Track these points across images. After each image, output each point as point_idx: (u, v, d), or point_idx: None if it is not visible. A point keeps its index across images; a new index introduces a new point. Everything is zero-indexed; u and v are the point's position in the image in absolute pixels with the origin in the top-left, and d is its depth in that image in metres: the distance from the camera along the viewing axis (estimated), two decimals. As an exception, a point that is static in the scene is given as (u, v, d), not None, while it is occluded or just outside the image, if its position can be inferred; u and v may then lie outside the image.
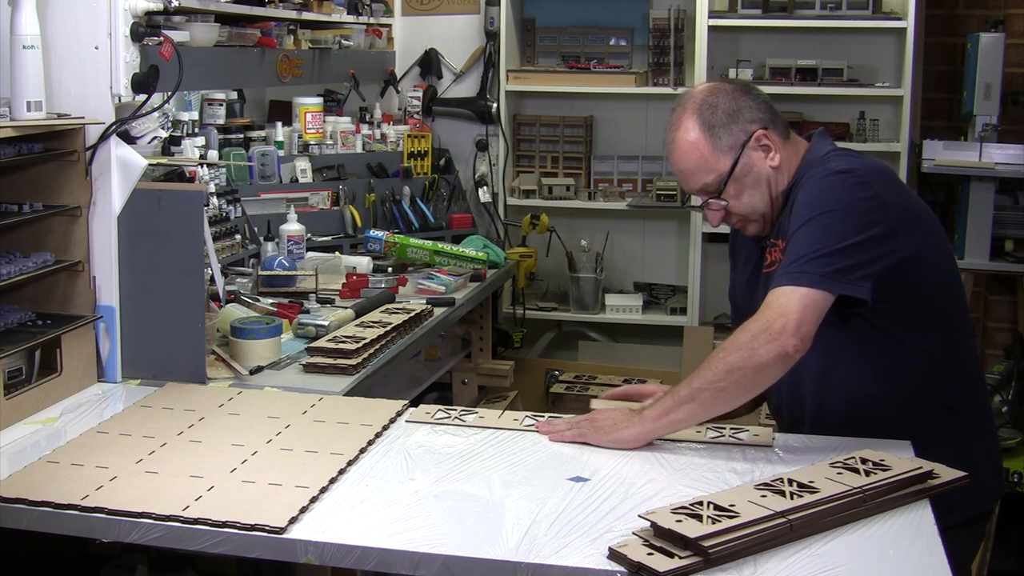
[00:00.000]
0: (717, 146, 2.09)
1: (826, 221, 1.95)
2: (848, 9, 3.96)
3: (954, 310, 2.10)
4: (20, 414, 2.13)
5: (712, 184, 2.11)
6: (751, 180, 2.10)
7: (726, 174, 2.10)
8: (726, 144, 2.09)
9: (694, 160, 2.10)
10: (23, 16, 2.19)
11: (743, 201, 2.11)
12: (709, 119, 2.10)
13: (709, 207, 2.14)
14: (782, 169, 2.12)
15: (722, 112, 2.10)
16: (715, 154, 2.09)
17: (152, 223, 2.34)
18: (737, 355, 1.88)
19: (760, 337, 1.87)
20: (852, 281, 1.90)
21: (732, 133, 2.10)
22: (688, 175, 2.13)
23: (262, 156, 3.56)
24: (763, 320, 1.88)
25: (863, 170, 2.02)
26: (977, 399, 2.14)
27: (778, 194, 2.12)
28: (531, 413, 2.17)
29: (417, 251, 3.39)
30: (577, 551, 1.58)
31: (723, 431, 2.04)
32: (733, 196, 2.11)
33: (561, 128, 4.36)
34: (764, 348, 1.86)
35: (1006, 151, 3.71)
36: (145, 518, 1.69)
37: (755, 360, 1.86)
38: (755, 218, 2.14)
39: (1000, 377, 3.76)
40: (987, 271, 3.89)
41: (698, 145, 2.09)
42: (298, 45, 3.44)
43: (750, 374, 1.87)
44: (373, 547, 1.60)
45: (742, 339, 1.88)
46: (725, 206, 2.12)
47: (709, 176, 2.11)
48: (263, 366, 2.43)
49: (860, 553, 1.59)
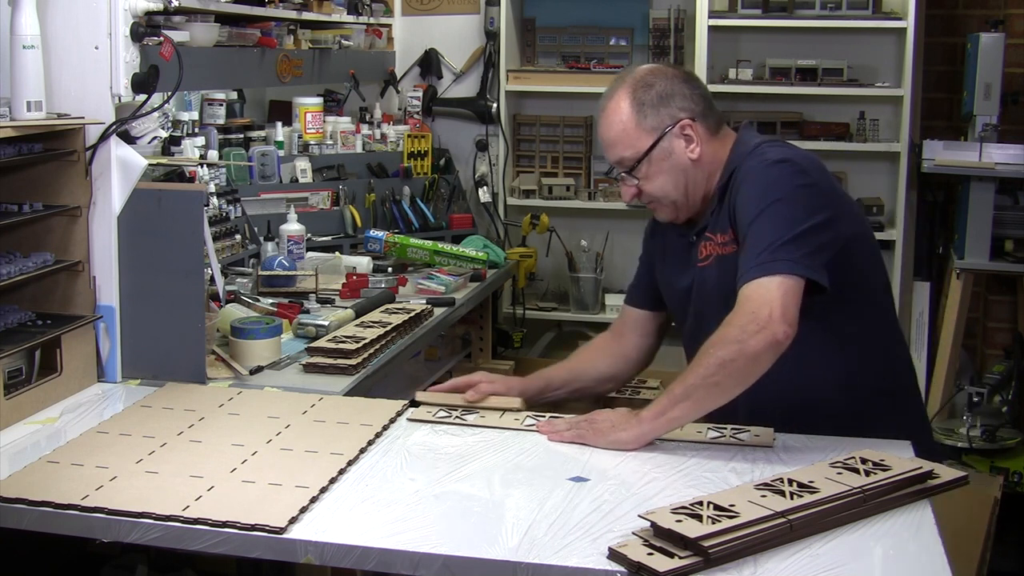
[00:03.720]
0: (641, 124, 2.14)
1: (779, 209, 1.96)
2: (848, 9, 3.96)
3: (883, 294, 2.18)
4: (20, 414, 2.13)
5: (628, 159, 2.16)
6: (667, 166, 2.15)
7: (642, 153, 2.15)
8: (650, 124, 2.14)
9: (616, 131, 2.16)
10: (23, 16, 2.19)
11: (655, 184, 2.16)
12: (641, 96, 2.15)
13: (623, 181, 2.19)
14: (703, 162, 2.15)
15: (655, 93, 2.15)
16: (637, 131, 2.14)
17: (152, 223, 2.34)
18: (728, 349, 1.87)
19: (748, 328, 1.86)
20: (815, 267, 1.93)
21: (659, 115, 2.14)
22: (608, 145, 2.19)
23: (262, 156, 3.56)
24: (747, 312, 1.88)
25: (799, 158, 2.06)
26: (908, 378, 2.22)
27: (696, 186, 2.16)
28: (531, 412, 2.17)
29: (417, 251, 3.39)
30: (577, 551, 1.58)
31: (723, 431, 2.04)
32: (645, 177, 2.16)
33: (561, 128, 4.36)
34: (754, 339, 1.85)
35: (1006, 151, 3.71)
36: (145, 518, 1.69)
37: (747, 351, 1.85)
38: (666, 203, 2.19)
39: (1000, 377, 3.76)
40: (987, 271, 3.89)
41: (624, 118, 2.15)
42: (298, 45, 3.44)
43: (743, 366, 1.86)
44: (373, 547, 1.60)
45: (731, 333, 1.88)
46: (636, 184, 2.17)
47: (627, 151, 2.16)
48: (263, 366, 2.43)
49: (860, 553, 1.59)
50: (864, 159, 4.15)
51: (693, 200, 2.18)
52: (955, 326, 3.85)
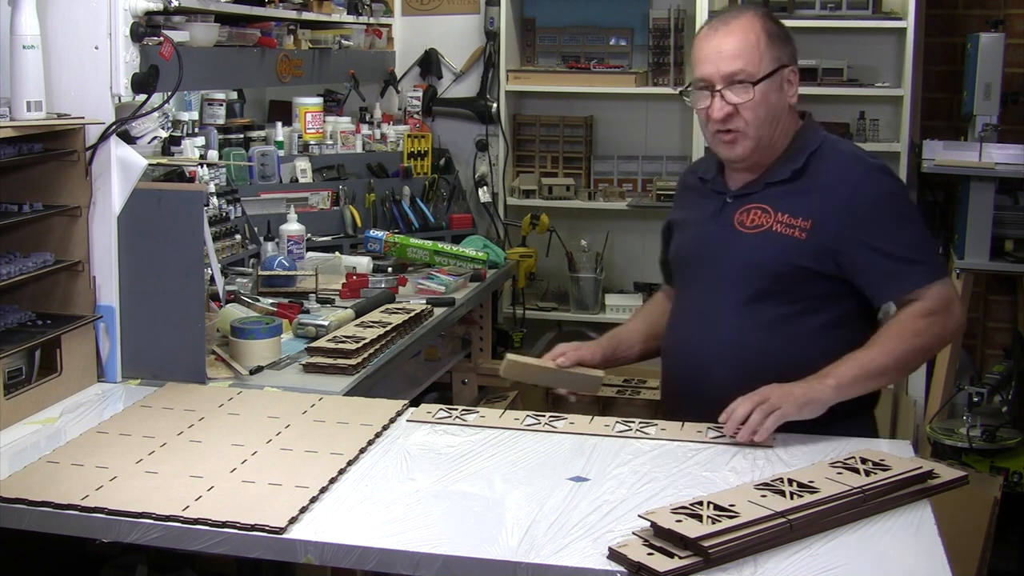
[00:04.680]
0: (769, 49, 2.16)
1: (912, 216, 2.19)
2: (848, 9, 3.96)
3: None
4: (20, 414, 2.13)
5: (748, 74, 2.13)
6: (773, 99, 2.17)
7: (762, 75, 2.14)
8: (773, 54, 2.16)
9: (743, 44, 2.15)
10: (23, 16, 2.19)
11: (757, 111, 2.16)
12: (771, 26, 2.19)
13: (730, 91, 2.14)
14: (790, 115, 2.22)
15: (782, 31, 2.20)
16: (762, 53, 2.16)
17: (152, 223, 2.34)
18: (927, 339, 2.09)
19: (938, 322, 2.08)
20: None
21: (782, 50, 2.18)
22: (729, 56, 2.14)
23: (262, 156, 3.56)
24: (931, 308, 2.08)
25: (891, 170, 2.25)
26: None
27: (780, 132, 2.20)
28: (532, 412, 2.17)
29: (417, 251, 3.38)
30: (577, 551, 1.58)
31: (723, 431, 2.04)
32: (757, 99, 2.15)
33: (561, 128, 4.35)
34: (949, 336, 2.13)
35: (1006, 151, 3.71)
36: (145, 518, 1.69)
37: (942, 346, 2.19)
38: (751, 135, 2.17)
39: (1000, 377, 3.76)
40: (987, 271, 3.89)
41: (753, 36, 2.16)
42: (298, 45, 3.44)
43: (928, 357, 2.19)
44: (373, 547, 1.60)
45: (923, 325, 2.07)
46: (749, 100, 2.13)
47: (749, 66, 2.15)
48: (263, 366, 2.43)
49: (860, 553, 1.59)
50: (864, 159, 4.14)
51: (772, 145, 2.20)
52: (955, 326, 3.84)
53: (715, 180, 2.29)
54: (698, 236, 2.28)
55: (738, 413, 1.98)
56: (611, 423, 2.10)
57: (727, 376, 2.12)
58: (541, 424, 2.11)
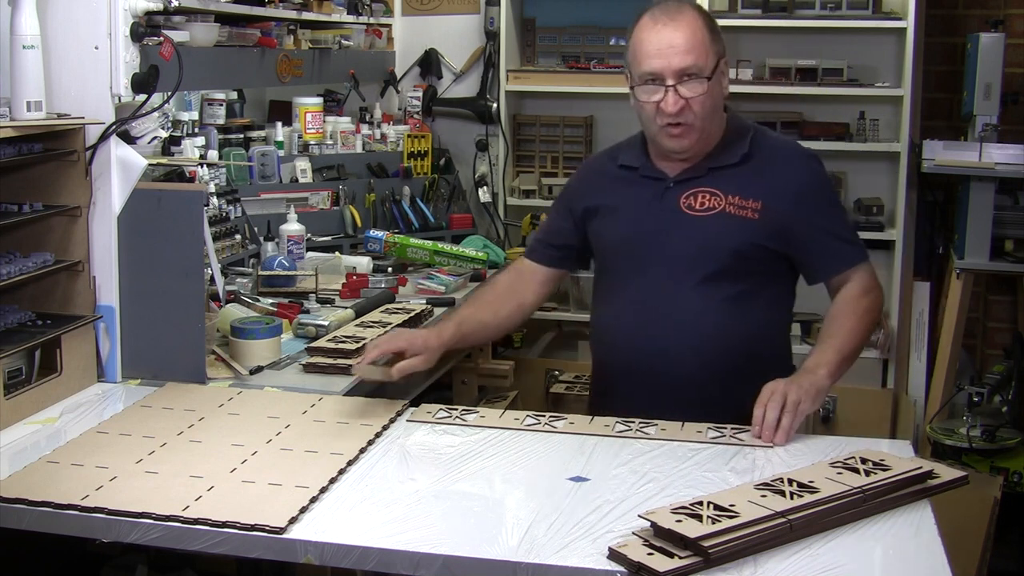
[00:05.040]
0: (712, 43, 2.21)
1: (839, 201, 2.40)
2: (848, 9, 3.96)
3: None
4: (20, 414, 2.13)
5: (701, 68, 2.18)
6: (716, 92, 2.23)
7: (711, 69, 2.19)
8: (715, 48, 2.22)
9: (693, 39, 2.19)
10: (23, 16, 2.19)
11: (707, 104, 2.21)
12: (708, 21, 2.24)
13: (683, 86, 2.17)
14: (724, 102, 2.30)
15: (715, 23, 2.25)
16: (708, 47, 2.20)
17: (152, 223, 2.34)
18: (876, 315, 2.27)
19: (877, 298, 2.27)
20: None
21: (719, 43, 2.24)
22: (682, 51, 2.17)
23: (262, 156, 3.56)
24: (867, 287, 2.25)
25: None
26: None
27: (720, 121, 2.28)
28: (532, 412, 2.17)
29: (417, 251, 3.38)
30: (577, 551, 1.58)
31: (723, 431, 2.05)
32: (709, 93, 2.19)
33: (561, 128, 4.35)
34: (881, 305, 2.30)
35: (1006, 151, 3.71)
36: (145, 518, 1.69)
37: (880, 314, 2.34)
38: (698, 128, 2.22)
39: (1000, 377, 3.76)
40: (987, 271, 3.89)
41: (699, 31, 2.20)
42: (298, 45, 3.43)
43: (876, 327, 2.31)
44: (373, 547, 1.60)
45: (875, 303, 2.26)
46: (701, 94, 2.18)
47: (701, 60, 2.18)
48: (263, 366, 2.43)
49: (860, 553, 1.59)
50: (864, 159, 4.14)
51: (711, 135, 2.27)
52: (955, 326, 3.84)
53: (646, 167, 2.33)
54: (637, 221, 2.30)
55: (770, 418, 2.02)
56: (611, 423, 2.10)
57: (688, 355, 2.22)
58: (541, 424, 2.11)
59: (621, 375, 2.32)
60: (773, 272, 2.29)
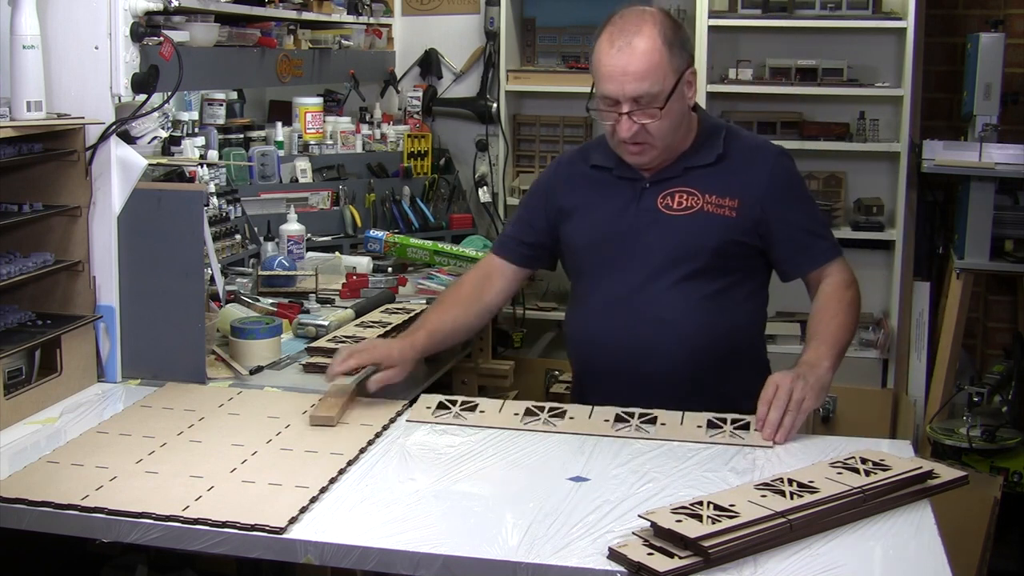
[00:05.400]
0: (671, 62, 2.18)
1: (812, 197, 2.39)
2: (848, 9, 3.96)
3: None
4: (20, 414, 2.13)
5: (655, 95, 2.16)
6: (676, 108, 2.20)
7: (669, 90, 2.16)
8: (675, 66, 2.18)
9: (648, 64, 2.15)
10: (23, 16, 2.19)
11: (664, 124, 2.20)
12: (670, 35, 2.18)
13: (636, 115, 2.17)
14: (689, 112, 2.27)
15: (681, 35, 2.21)
16: (666, 68, 2.17)
17: (152, 223, 2.34)
18: (857, 305, 2.25)
19: (857, 292, 2.27)
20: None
21: (681, 57, 2.20)
22: (636, 78, 2.14)
23: (262, 156, 3.56)
24: (848, 280, 2.27)
25: None
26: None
27: (684, 131, 2.27)
28: (533, 404, 2.16)
29: (417, 251, 3.39)
30: (577, 551, 1.58)
31: (723, 431, 2.05)
32: (664, 115, 2.18)
33: (561, 128, 4.36)
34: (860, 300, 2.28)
35: (1006, 151, 3.71)
36: (145, 518, 1.69)
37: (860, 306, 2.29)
38: (659, 145, 2.22)
39: (1000, 377, 3.76)
40: (987, 271, 3.89)
41: (657, 54, 2.16)
42: (298, 45, 3.43)
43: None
44: (373, 547, 1.60)
45: (854, 296, 2.25)
46: (644, 123, 2.17)
47: (655, 87, 2.16)
48: (263, 366, 2.43)
49: (860, 553, 1.59)
50: (864, 159, 4.15)
51: (677, 145, 2.27)
52: (955, 326, 3.84)
53: (620, 167, 2.32)
54: (614, 221, 2.30)
55: (773, 417, 2.01)
56: (610, 416, 2.09)
57: (669, 353, 2.23)
58: (540, 420, 2.11)
59: (603, 375, 2.32)
60: (750, 268, 2.31)
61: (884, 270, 4.08)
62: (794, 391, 2.02)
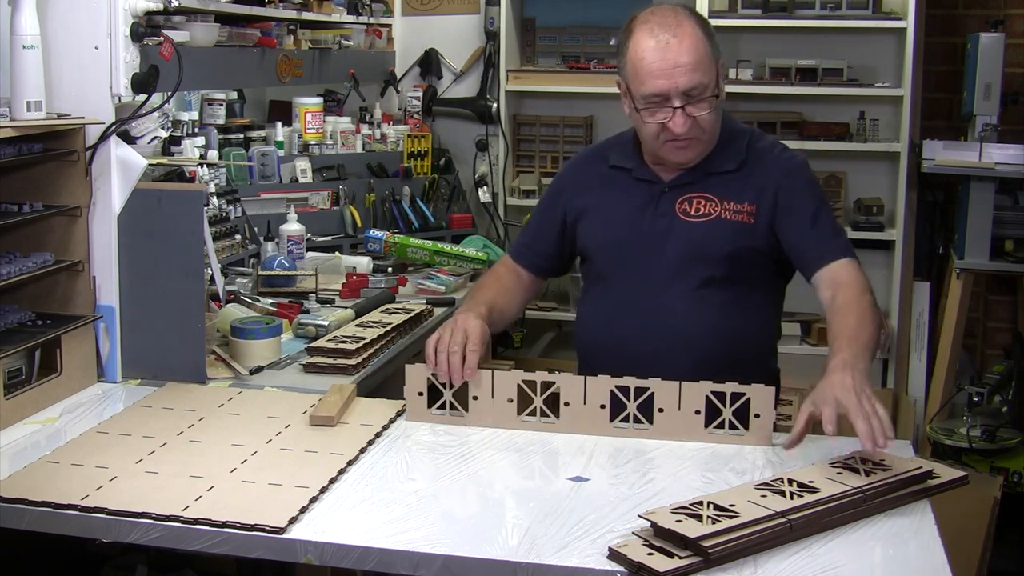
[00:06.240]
0: (712, 53, 2.17)
1: (826, 199, 2.32)
2: (848, 9, 3.96)
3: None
4: (20, 414, 2.13)
5: (706, 86, 2.14)
6: (718, 101, 2.19)
7: (716, 81, 2.17)
8: (715, 57, 2.18)
9: (698, 56, 2.14)
10: (23, 16, 2.19)
11: (712, 116, 2.19)
12: (705, 27, 2.19)
13: (692, 106, 2.14)
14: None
15: (709, 25, 2.21)
16: (710, 60, 2.17)
17: (152, 223, 2.34)
18: (877, 308, 2.13)
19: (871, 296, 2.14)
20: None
21: (717, 49, 2.19)
22: (688, 70, 2.12)
23: (262, 156, 3.56)
24: (864, 285, 2.15)
25: None
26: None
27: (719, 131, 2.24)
28: (523, 374, 2.08)
29: (417, 251, 3.39)
30: (577, 551, 1.58)
31: (723, 431, 2.04)
32: (712, 107, 2.16)
33: (561, 128, 4.36)
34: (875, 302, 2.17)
35: (1006, 151, 3.71)
36: (145, 518, 1.69)
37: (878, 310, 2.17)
38: (705, 139, 2.21)
39: (1000, 377, 3.76)
40: (987, 271, 3.89)
41: (702, 44, 2.15)
42: (298, 45, 3.44)
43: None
44: (373, 547, 1.60)
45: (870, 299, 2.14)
46: (709, 111, 2.15)
47: (706, 77, 2.15)
48: (263, 366, 2.43)
49: (860, 553, 1.59)
50: (864, 159, 4.15)
51: (715, 141, 2.25)
52: (955, 326, 3.85)
53: (639, 169, 2.30)
54: (632, 224, 2.28)
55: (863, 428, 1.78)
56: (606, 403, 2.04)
57: (682, 359, 2.19)
58: (537, 418, 2.10)
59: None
60: (765, 274, 2.29)
61: (884, 270, 4.08)
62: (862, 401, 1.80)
